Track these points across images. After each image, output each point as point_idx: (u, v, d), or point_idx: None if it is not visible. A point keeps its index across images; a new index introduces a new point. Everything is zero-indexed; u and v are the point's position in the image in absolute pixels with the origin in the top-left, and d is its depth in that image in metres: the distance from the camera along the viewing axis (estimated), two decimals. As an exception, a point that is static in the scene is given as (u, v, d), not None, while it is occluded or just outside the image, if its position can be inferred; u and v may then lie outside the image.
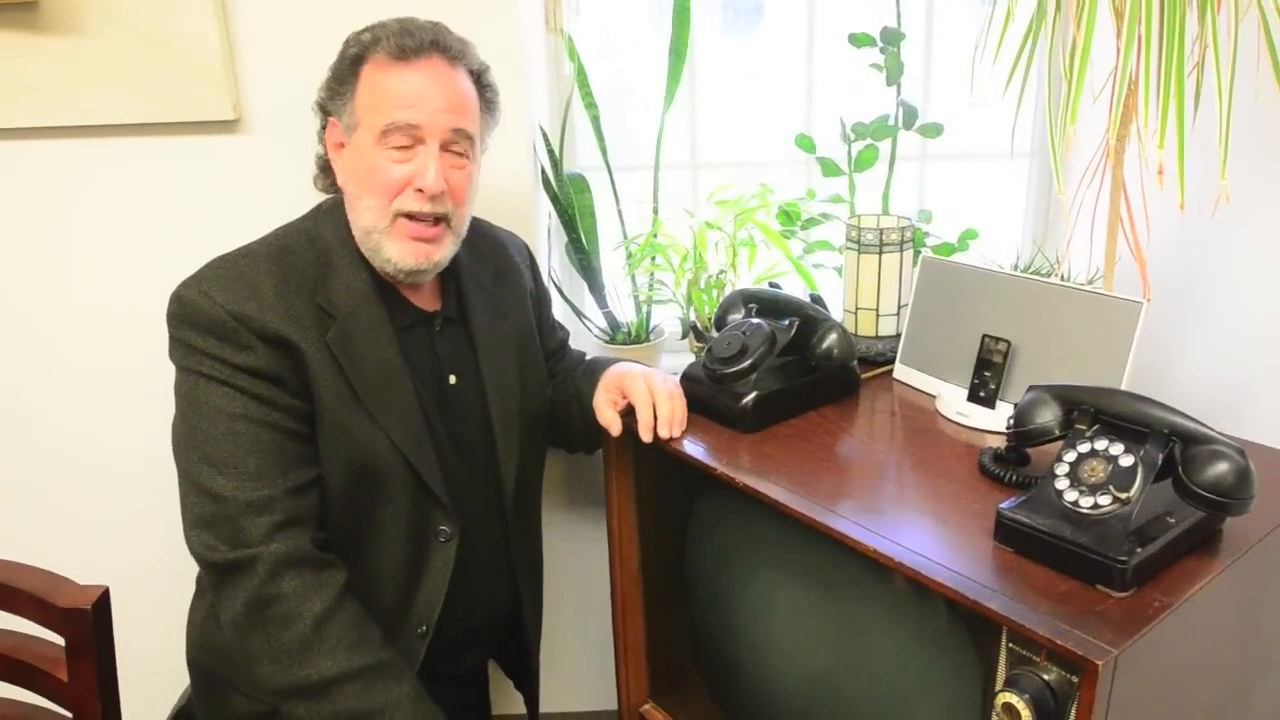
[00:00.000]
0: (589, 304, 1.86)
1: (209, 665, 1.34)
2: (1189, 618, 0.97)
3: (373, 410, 1.22)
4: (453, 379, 1.34)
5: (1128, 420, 1.03)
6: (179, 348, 1.19)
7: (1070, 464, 1.03)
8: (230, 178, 1.63)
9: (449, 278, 1.36)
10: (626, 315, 1.81)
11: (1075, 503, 0.99)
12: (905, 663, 1.13)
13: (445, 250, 1.27)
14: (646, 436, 1.30)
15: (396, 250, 1.23)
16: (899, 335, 1.50)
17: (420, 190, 1.21)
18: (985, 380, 1.32)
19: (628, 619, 1.52)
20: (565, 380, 1.52)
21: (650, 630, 1.53)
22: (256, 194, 1.63)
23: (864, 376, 1.47)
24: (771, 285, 1.49)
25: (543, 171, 1.73)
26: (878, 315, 1.52)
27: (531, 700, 1.60)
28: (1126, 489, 0.97)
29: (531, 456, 1.44)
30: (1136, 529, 0.97)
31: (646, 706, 1.58)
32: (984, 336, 1.33)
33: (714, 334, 1.39)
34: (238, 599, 1.15)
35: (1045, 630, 0.90)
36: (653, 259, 1.75)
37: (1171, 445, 0.99)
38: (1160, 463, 0.99)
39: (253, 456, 1.16)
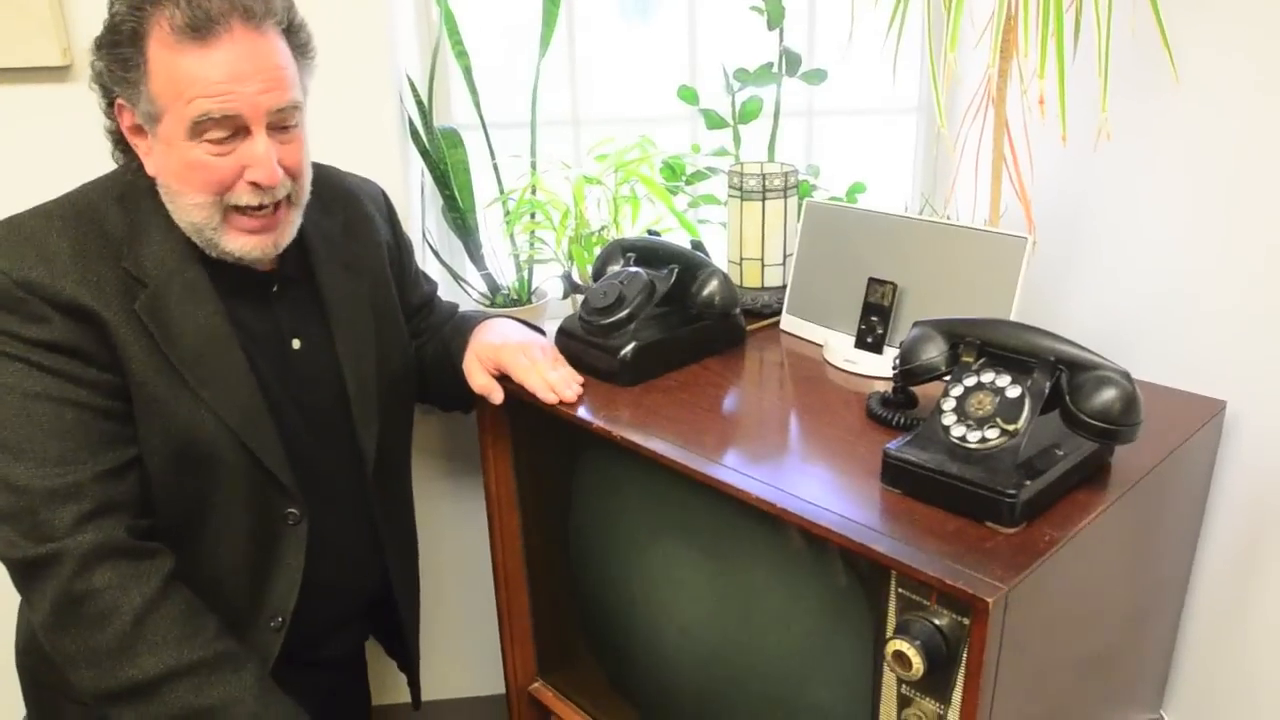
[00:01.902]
0: (468, 267, 1.76)
1: (35, 670, 1.21)
2: (1080, 552, 0.93)
3: (195, 385, 1.09)
4: (296, 344, 1.20)
5: (1014, 350, 0.99)
6: None
7: (957, 399, 0.98)
8: (60, 130, 1.48)
9: None
10: (507, 277, 1.72)
11: (962, 438, 0.95)
12: (799, 621, 1.07)
13: (290, 227, 1.13)
14: (550, 398, 1.20)
15: (237, 244, 1.09)
16: (785, 286, 1.44)
17: (255, 184, 1.07)
18: (872, 325, 1.27)
19: (511, 593, 1.44)
20: (434, 337, 1.40)
21: (536, 604, 1.45)
22: (89, 148, 1.47)
23: (750, 329, 1.41)
24: (651, 234, 1.42)
25: (411, 125, 1.62)
26: (763, 265, 1.46)
27: (414, 683, 1.50)
28: (1014, 421, 0.93)
29: (394, 423, 1.32)
30: (1025, 462, 0.93)
31: (535, 685, 1.50)
32: (870, 280, 1.28)
33: (591, 286, 1.31)
34: (45, 599, 1.02)
35: (933, 570, 0.86)
36: (531, 216, 1.66)
37: (1058, 374, 0.95)
38: (1048, 392, 0.95)
39: (54, 439, 1.03)
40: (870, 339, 1.27)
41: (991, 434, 0.94)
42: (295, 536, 1.18)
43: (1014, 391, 0.95)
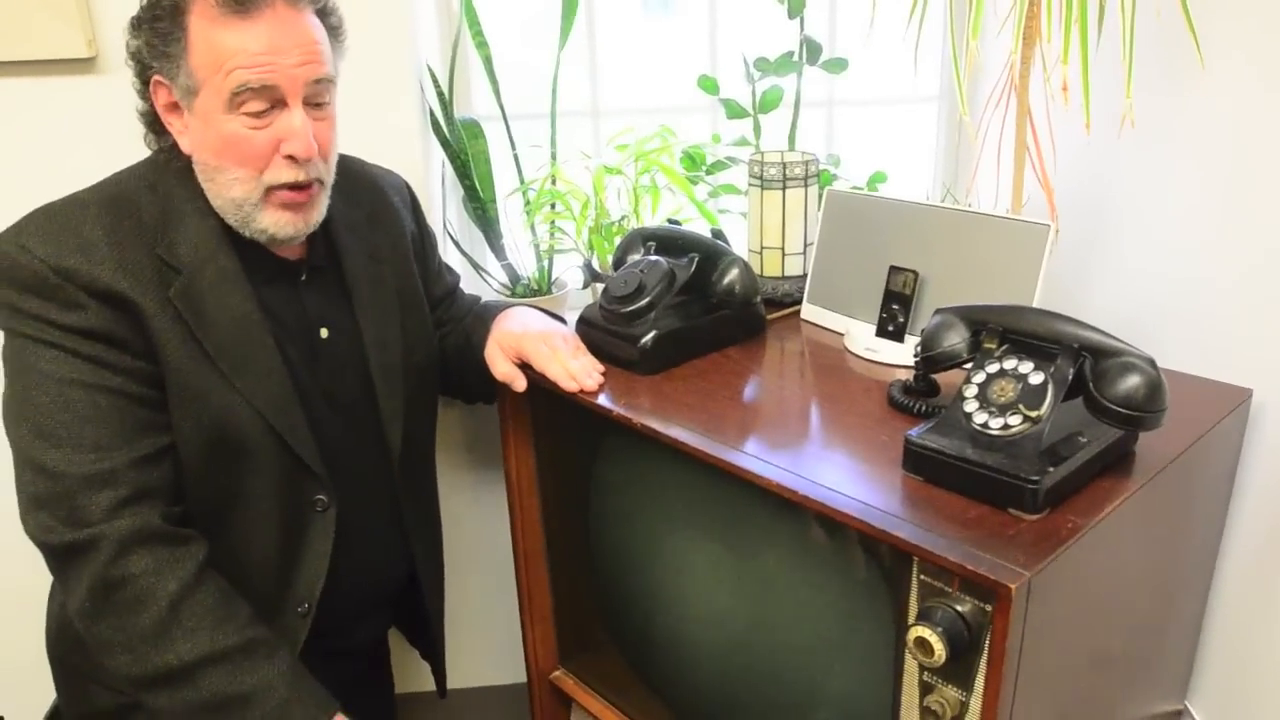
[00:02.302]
0: (489, 258, 1.77)
1: (66, 657, 1.22)
2: (1104, 539, 0.92)
3: (228, 372, 1.11)
4: (324, 333, 1.22)
5: (1036, 337, 0.98)
6: (1, 310, 1.06)
7: (979, 385, 0.97)
8: (86, 121, 1.50)
9: None
10: (528, 267, 1.73)
11: (984, 424, 0.94)
12: (821, 610, 1.07)
13: (320, 209, 1.15)
14: (572, 386, 1.21)
15: (271, 220, 1.10)
16: (805, 275, 1.44)
17: (291, 157, 1.08)
18: (894, 314, 1.27)
19: (532, 580, 1.44)
20: (456, 328, 1.41)
21: (557, 592, 1.46)
22: (115, 139, 1.48)
23: (770, 318, 1.41)
24: (671, 223, 1.42)
25: (432, 115, 1.63)
26: (783, 254, 1.45)
27: (439, 671, 1.51)
28: (1037, 407, 0.93)
29: (420, 412, 1.34)
30: (1048, 448, 0.93)
31: (557, 673, 1.50)
32: (891, 268, 1.27)
33: (611, 275, 1.32)
34: (82, 584, 1.03)
35: (955, 556, 0.85)
36: (552, 206, 1.66)
37: (1082, 360, 0.95)
38: (1071, 378, 0.94)
39: (89, 426, 1.04)
40: (891, 327, 1.27)
41: (1014, 420, 0.93)
42: (323, 523, 1.19)
43: (1037, 378, 0.95)
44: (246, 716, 1.05)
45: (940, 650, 0.87)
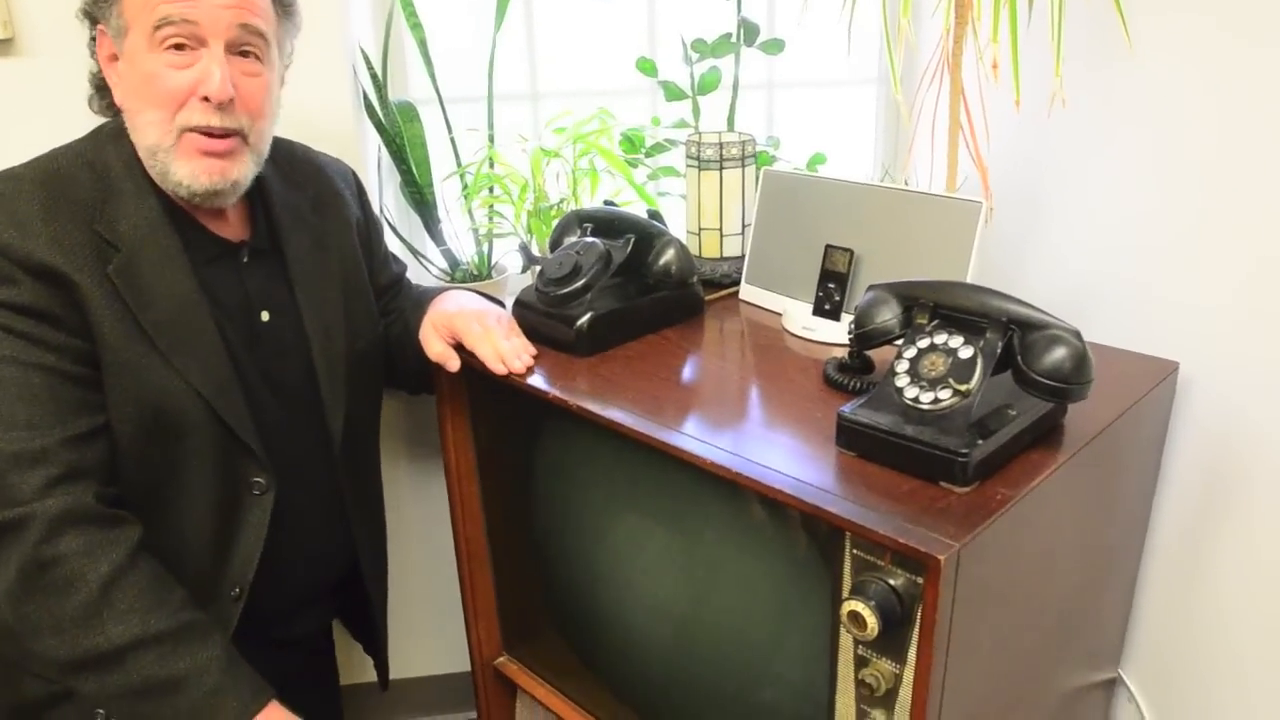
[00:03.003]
0: (427, 244, 1.74)
1: (-8, 645, 1.19)
2: (1033, 511, 0.94)
3: (166, 350, 1.09)
4: (265, 316, 1.20)
5: (966, 312, 0.99)
6: None
7: (910, 360, 0.98)
8: (5, 104, 1.45)
9: (257, 204, 1.22)
10: (467, 252, 1.71)
11: (915, 399, 0.95)
12: (761, 590, 1.07)
13: (243, 168, 1.13)
14: (500, 368, 1.19)
15: (186, 170, 1.09)
16: (744, 257, 1.44)
17: (206, 99, 1.06)
18: (830, 292, 1.27)
19: (474, 568, 1.43)
20: (399, 316, 1.40)
21: (500, 579, 1.45)
22: (35, 124, 1.44)
23: (709, 299, 1.41)
24: (608, 204, 1.41)
25: (366, 99, 1.60)
26: (721, 235, 1.45)
27: (381, 664, 1.49)
28: (966, 381, 0.93)
29: (362, 399, 1.32)
30: (978, 421, 0.93)
31: (501, 660, 1.49)
32: (826, 247, 1.28)
33: (547, 257, 1.30)
34: (10, 565, 1.00)
35: (886, 530, 0.86)
36: (490, 190, 1.64)
37: (1010, 334, 0.96)
38: (1000, 352, 0.95)
39: (21, 404, 1.02)
40: (828, 306, 1.27)
41: (944, 394, 0.94)
42: (260, 507, 1.17)
43: (966, 352, 0.95)
44: (178, 702, 1.03)
45: (873, 623, 0.87)
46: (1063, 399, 0.94)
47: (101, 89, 1.16)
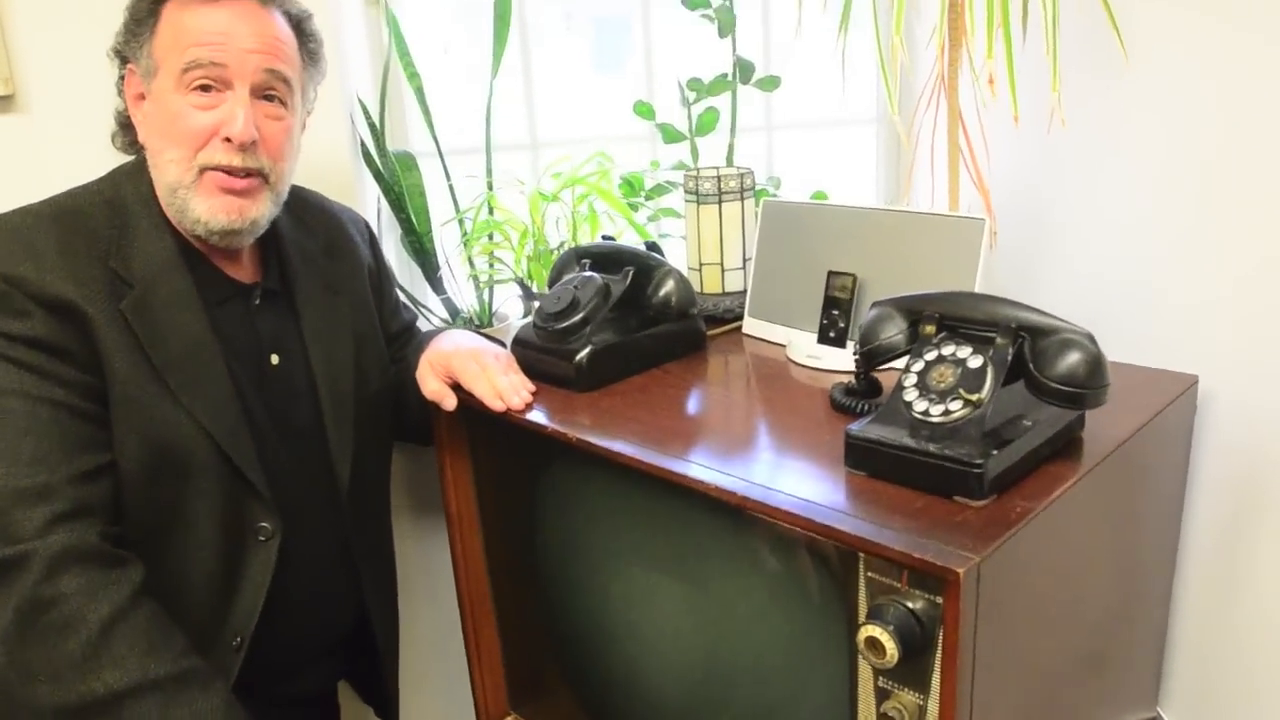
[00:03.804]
0: (428, 294, 1.73)
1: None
2: (1055, 525, 0.89)
3: (176, 389, 1.08)
4: (275, 359, 1.20)
5: (973, 322, 0.96)
6: None
7: (918, 374, 0.94)
8: (5, 162, 1.45)
9: (270, 247, 1.22)
10: (467, 300, 1.69)
11: (925, 412, 0.91)
12: (776, 627, 1.02)
13: (262, 208, 1.13)
14: (498, 405, 1.16)
15: (205, 207, 1.09)
16: (746, 291, 1.41)
17: (228, 140, 1.07)
18: (834, 319, 1.24)
19: (478, 620, 1.38)
20: (405, 364, 1.38)
21: (505, 631, 1.39)
22: (37, 180, 1.44)
23: (712, 334, 1.38)
24: (606, 239, 1.39)
25: (364, 148, 1.60)
26: (723, 270, 1.43)
27: None
28: (977, 390, 0.89)
29: (371, 447, 1.30)
30: (991, 432, 0.89)
31: (509, 719, 1.43)
32: (829, 273, 1.25)
33: (545, 293, 1.28)
34: (8, 604, 0.96)
35: (901, 545, 0.81)
36: (490, 237, 1.63)
37: (1020, 341, 0.92)
38: (1010, 360, 0.91)
39: (28, 438, 1.00)
40: (833, 333, 1.24)
41: (955, 406, 0.90)
42: (265, 553, 1.14)
43: (975, 362, 0.92)
44: None
45: (892, 649, 0.82)
46: (1079, 405, 0.89)
47: (125, 126, 1.17)
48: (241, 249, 1.18)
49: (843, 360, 1.21)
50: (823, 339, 1.25)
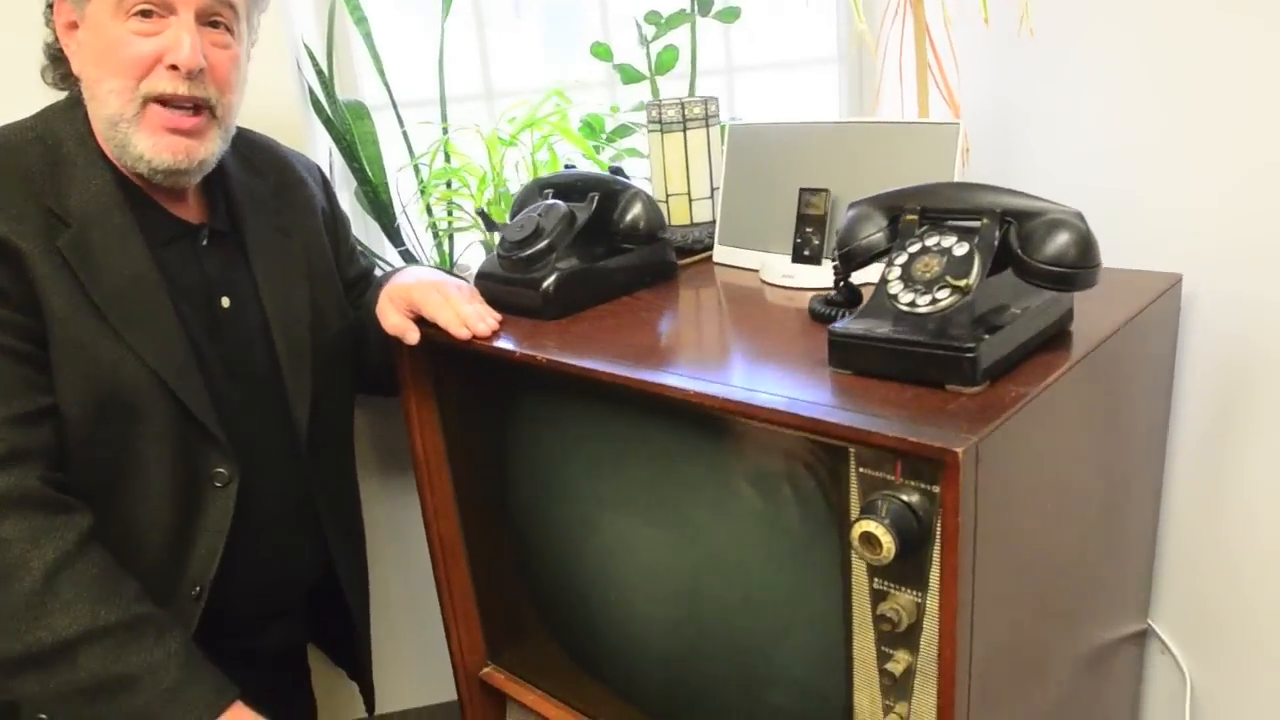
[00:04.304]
0: (386, 247, 1.67)
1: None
2: (1048, 414, 0.86)
3: (119, 326, 1.02)
4: (226, 302, 1.14)
5: (957, 212, 0.92)
6: None
7: (902, 266, 0.91)
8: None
9: (216, 187, 1.16)
10: (427, 251, 1.63)
11: (911, 303, 0.87)
12: (763, 549, 0.98)
13: (210, 146, 1.07)
14: (463, 333, 1.11)
15: (149, 145, 1.03)
16: (714, 221, 1.37)
17: (174, 67, 1.01)
18: (808, 237, 1.21)
19: (451, 569, 1.33)
20: (366, 309, 1.32)
21: (479, 579, 1.34)
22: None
23: (681, 263, 1.34)
24: (567, 168, 1.34)
25: (313, 96, 1.54)
26: (690, 200, 1.39)
27: (366, 687, 1.38)
28: (964, 276, 0.86)
29: (331, 391, 1.24)
30: (980, 318, 0.86)
31: (487, 670, 1.38)
32: (801, 190, 1.21)
33: (507, 222, 1.23)
34: None
35: (895, 432, 0.78)
36: (448, 184, 1.57)
37: (1007, 226, 0.89)
38: (997, 245, 0.88)
39: None
40: (807, 251, 1.21)
41: (942, 294, 0.86)
42: (222, 499, 1.09)
43: (961, 249, 0.88)
44: (130, 702, 0.93)
45: (888, 543, 0.78)
46: (1070, 286, 0.86)
47: (56, 60, 1.10)
48: (187, 188, 1.12)
49: (819, 277, 1.18)
50: (797, 258, 1.21)
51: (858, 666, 0.89)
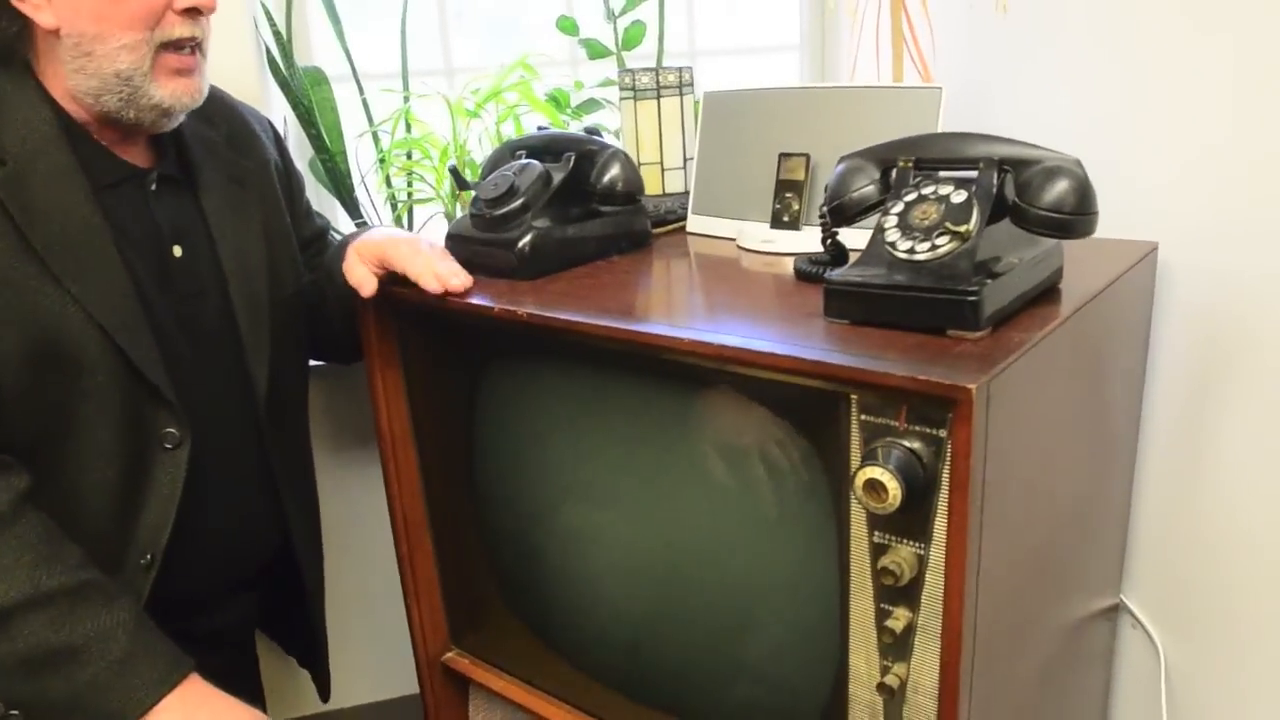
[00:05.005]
0: (343, 219, 1.61)
1: None
2: (1047, 365, 0.85)
3: (59, 273, 0.95)
4: (178, 251, 1.08)
5: (952, 162, 0.91)
6: None
7: (898, 215, 0.89)
8: None
9: (165, 132, 1.10)
10: (385, 223, 1.58)
11: (910, 250, 0.86)
12: (745, 517, 0.95)
13: (205, 79, 1.05)
14: (435, 287, 1.06)
15: (168, 92, 1.00)
16: (688, 192, 1.35)
17: (191, 10, 0.99)
18: (787, 203, 1.19)
19: (414, 547, 1.27)
20: (323, 271, 1.27)
21: (444, 559, 1.29)
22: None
23: (655, 232, 1.30)
24: (541, 129, 1.31)
25: (270, 57, 1.48)
26: (663, 170, 1.36)
27: (321, 673, 1.32)
28: (964, 222, 0.84)
29: (289, 354, 1.19)
30: (981, 264, 0.84)
31: (449, 655, 1.32)
32: (780, 155, 1.19)
33: (480, 182, 1.19)
34: None
35: (903, 371, 0.75)
36: (408, 155, 1.53)
37: (1004, 176, 0.88)
38: (995, 193, 0.86)
39: None
40: (786, 217, 1.19)
41: (942, 241, 0.85)
42: (173, 462, 1.02)
43: (959, 196, 0.87)
44: (76, 674, 0.86)
45: (894, 489, 0.76)
46: (1068, 233, 0.85)
47: None
48: (150, 133, 1.06)
49: (799, 242, 1.16)
50: (776, 224, 1.19)
51: (854, 627, 0.87)
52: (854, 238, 1.00)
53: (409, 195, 1.54)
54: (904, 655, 0.84)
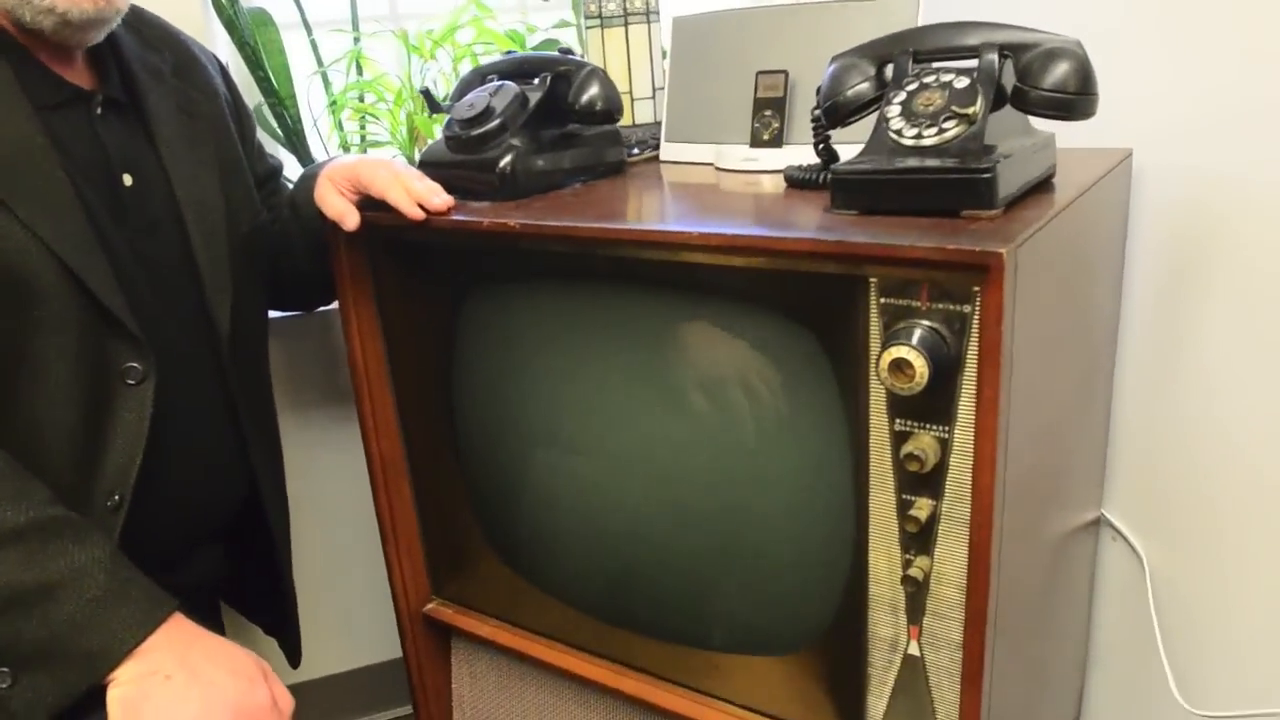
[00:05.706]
0: (294, 169, 1.54)
1: None
2: (1054, 248, 0.85)
3: (5, 197, 0.88)
4: (128, 180, 1.01)
5: (950, 52, 0.90)
6: None
7: (901, 104, 0.88)
8: None
9: (106, 55, 1.03)
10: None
11: (917, 136, 0.85)
12: (751, 429, 0.93)
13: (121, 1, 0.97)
14: (416, 212, 1.01)
15: None
16: (659, 123, 1.32)
17: None
18: (767, 121, 1.17)
19: (393, 494, 1.22)
20: (280, 209, 1.21)
21: (423, 504, 1.24)
22: None
23: (628, 161, 1.28)
24: (509, 54, 1.27)
25: (211, -1, 1.41)
26: (632, 99, 1.33)
27: (290, 637, 1.26)
28: (970, 105, 0.84)
29: (248, 295, 1.13)
30: (989, 146, 0.84)
31: (431, 605, 1.27)
32: (758, 74, 1.18)
33: (455, 104, 1.14)
34: None
35: (930, 242, 0.74)
36: (360, 98, 1.47)
37: (1004, 60, 0.87)
38: (997, 76, 0.86)
39: None
40: (766, 135, 1.17)
41: (949, 125, 0.84)
42: (137, 398, 0.95)
43: (962, 82, 0.86)
44: (52, 614, 0.80)
45: (921, 367, 0.75)
46: (1072, 113, 0.85)
47: None
48: (80, 47, 0.99)
49: (782, 159, 1.14)
50: (756, 143, 1.17)
51: (874, 523, 0.86)
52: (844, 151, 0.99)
53: (363, 139, 1.48)
54: (927, 547, 0.83)
